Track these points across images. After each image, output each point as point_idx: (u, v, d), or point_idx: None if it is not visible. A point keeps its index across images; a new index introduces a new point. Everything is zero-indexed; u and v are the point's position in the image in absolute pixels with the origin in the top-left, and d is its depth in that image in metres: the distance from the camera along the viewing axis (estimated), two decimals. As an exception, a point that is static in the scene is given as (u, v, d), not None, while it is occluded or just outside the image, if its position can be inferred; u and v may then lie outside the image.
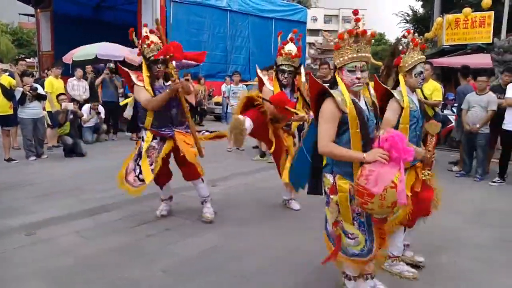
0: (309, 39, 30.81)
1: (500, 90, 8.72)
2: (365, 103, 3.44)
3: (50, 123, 11.23)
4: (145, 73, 5.46)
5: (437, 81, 8.96)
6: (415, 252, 4.63)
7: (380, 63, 4.65)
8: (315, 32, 61.20)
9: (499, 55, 11.76)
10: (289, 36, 5.83)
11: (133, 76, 5.46)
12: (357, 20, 3.24)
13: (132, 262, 4.63)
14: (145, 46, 5.37)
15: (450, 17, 17.70)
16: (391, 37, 54.66)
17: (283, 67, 5.67)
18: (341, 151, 3.24)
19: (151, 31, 5.49)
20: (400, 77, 4.31)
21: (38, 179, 8.07)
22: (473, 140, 8.68)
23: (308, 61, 29.09)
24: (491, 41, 14.92)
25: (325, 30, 65.84)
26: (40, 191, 7.21)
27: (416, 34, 4.50)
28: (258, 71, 6.13)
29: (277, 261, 4.67)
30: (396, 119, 4.07)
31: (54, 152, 10.89)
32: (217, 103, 19.51)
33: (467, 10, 17.03)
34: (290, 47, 5.72)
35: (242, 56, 22.76)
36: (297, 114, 5.68)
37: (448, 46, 18.07)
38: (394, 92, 4.13)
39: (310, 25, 34.95)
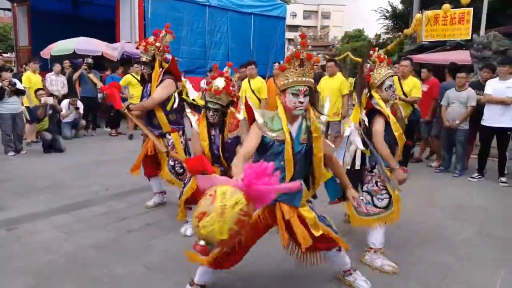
0: (288, 35, 30.65)
1: (479, 87, 8.76)
2: (300, 128, 3.45)
3: (28, 118, 11.11)
4: None
5: (416, 77, 9.01)
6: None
7: (359, 59, 4.73)
8: (294, 28, 61.15)
9: (478, 52, 11.86)
10: (224, 69, 5.15)
11: None
12: (304, 44, 3.29)
13: (114, 258, 4.60)
14: None
15: (429, 13, 17.80)
16: (370, 33, 55.12)
17: (209, 104, 4.97)
18: (236, 163, 3.22)
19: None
20: (374, 93, 4.45)
21: (18, 175, 7.97)
22: (452, 136, 8.74)
23: (287, 57, 29.05)
24: (470, 38, 15.04)
25: (304, 26, 65.98)
26: (20, 187, 7.13)
27: (381, 51, 4.64)
28: (188, 110, 5.59)
29: (266, 253, 4.57)
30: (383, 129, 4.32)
31: (33, 147, 10.72)
32: (196, 99, 19.30)
33: (446, 6, 17.12)
34: (217, 83, 4.94)
35: (221, 51, 22.61)
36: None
37: (427, 43, 18.16)
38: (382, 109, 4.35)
39: (289, 21, 34.96)
